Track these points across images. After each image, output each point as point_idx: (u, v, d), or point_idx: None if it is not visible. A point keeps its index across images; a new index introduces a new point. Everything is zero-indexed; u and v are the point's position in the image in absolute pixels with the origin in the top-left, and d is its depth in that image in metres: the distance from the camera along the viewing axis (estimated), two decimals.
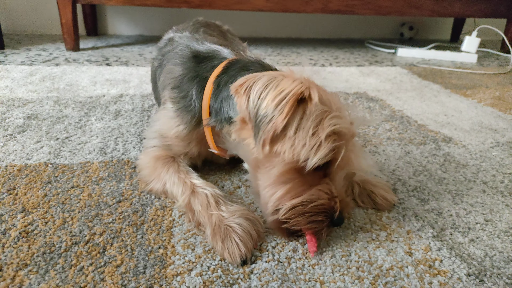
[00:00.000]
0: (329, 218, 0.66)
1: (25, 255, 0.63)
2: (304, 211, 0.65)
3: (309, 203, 0.65)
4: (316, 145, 0.62)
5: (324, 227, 0.66)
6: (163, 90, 0.88)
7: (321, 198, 0.66)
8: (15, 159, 0.92)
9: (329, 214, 0.66)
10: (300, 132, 0.63)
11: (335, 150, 0.63)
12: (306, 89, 0.63)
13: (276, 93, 0.63)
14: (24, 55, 1.97)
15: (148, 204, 0.79)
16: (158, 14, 2.78)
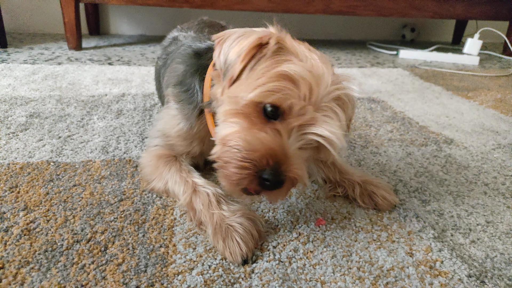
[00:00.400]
0: (256, 172, 0.59)
1: (27, 253, 0.63)
2: (235, 156, 0.61)
3: (243, 149, 0.61)
4: (257, 84, 0.61)
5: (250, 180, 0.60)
6: (167, 88, 0.89)
7: (256, 148, 0.60)
8: (18, 157, 0.93)
9: (257, 168, 0.59)
10: (251, 74, 0.63)
11: (281, 94, 0.59)
12: (266, 36, 0.64)
13: (241, 43, 0.65)
14: (26, 54, 1.98)
15: (149, 203, 0.79)
16: (160, 13, 2.79)
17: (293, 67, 0.61)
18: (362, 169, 1.00)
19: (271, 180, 0.59)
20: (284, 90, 0.59)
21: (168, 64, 0.94)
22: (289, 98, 0.59)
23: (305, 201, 0.84)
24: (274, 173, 0.59)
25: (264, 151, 0.60)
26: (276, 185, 0.60)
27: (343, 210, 0.82)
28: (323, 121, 0.61)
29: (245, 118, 0.64)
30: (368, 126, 1.29)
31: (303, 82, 0.60)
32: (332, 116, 0.62)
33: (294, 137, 0.62)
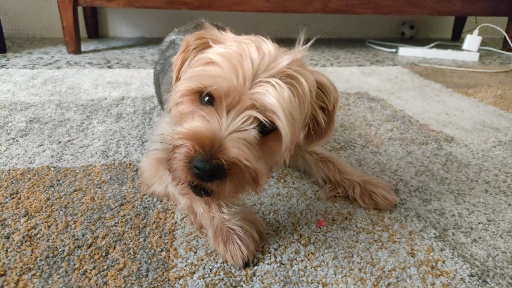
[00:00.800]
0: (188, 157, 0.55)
1: (28, 259, 0.63)
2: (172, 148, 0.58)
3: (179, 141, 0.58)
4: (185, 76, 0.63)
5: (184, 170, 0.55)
6: (164, 95, 0.89)
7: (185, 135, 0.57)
8: (18, 163, 0.93)
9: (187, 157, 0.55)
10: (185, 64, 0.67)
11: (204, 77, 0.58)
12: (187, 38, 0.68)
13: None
14: (26, 59, 1.98)
15: (150, 207, 0.79)
16: (158, 16, 2.79)
17: (215, 50, 0.61)
18: (363, 169, 1.00)
19: (201, 168, 0.53)
20: (206, 74, 0.58)
21: (166, 70, 0.94)
22: (213, 81, 0.57)
23: (306, 202, 0.84)
24: (202, 160, 0.53)
25: (190, 138, 0.55)
26: (210, 172, 0.53)
27: (344, 210, 0.82)
28: (254, 94, 0.56)
29: (186, 108, 0.63)
30: (368, 125, 1.29)
31: (225, 62, 0.57)
32: (267, 88, 0.56)
33: (227, 120, 0.57)
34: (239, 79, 0.56)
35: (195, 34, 0.67)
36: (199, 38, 0.67)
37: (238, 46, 0.60)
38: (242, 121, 0.57)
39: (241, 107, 0.57)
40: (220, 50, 0.61)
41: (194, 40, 0.67)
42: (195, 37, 0.67)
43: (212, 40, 0.66)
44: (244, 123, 0.57)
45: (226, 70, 0.57)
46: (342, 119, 1.33)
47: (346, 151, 1.09)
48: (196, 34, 0.67)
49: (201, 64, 0.62)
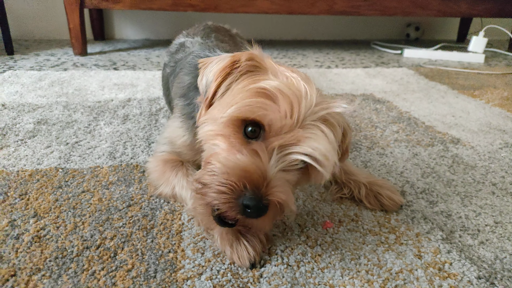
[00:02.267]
0: (235, 199, 0.54)
1: (38, 260, 0.64)
2: (213, 180, 0.56)
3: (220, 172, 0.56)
4: (235, 101, 0.58)
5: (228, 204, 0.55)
6: (174, 98, 0.90)
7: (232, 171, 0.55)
8: (26, 164, 0.94)
9: (235, 193, 0.54)
10: (228, 93, 0.63)
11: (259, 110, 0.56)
12: (239, 55, 0.64)
13: (218, 64, 0.65)
14: (33, 60, 2.00)
15: (157, 208, 0.80)
16: (163, 17, 2.80)
17: (271, 82, 0.58)
18: (369, 170, 1.00)
19: (252, 206, 0.53)
20: (263, 106, 0.56)
21: (176, 72, 0.95)
22: (268, 114, 0.55)
23: (312, 204, 0.84)
24: (254, 198, 0.53)
25: (240, 174, 0.54)
26: (258, 211, 0.54)
27: (350, 212, 0.82)
28: (307, 138, 0.56)
29: (225, 140, 0.60)
30: (373, 127, 1.29)
31: (282, 98, 0.56)
32: (318, 134, 0.57)
33: (275, 158, 0.56)
34: (294, 118, 0.56)
35: (247, 53, 0.63)
36: (250, 59, 0.63)
37: (294, 83, 0.60)
38: (289, 162, 0.57)
39: (292, 147, 0.56)
40: (276, 83, 0.58)
41: (246, 60, 0.62)
42: (247, 56, 0.63)
43: (261, 66, 0.63)
44: (291, 164, 0.58)
45: (283, 107, 0.56)
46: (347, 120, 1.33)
47: (352, 152, 1.09)
48: (248, 54, 0.63)
49: (254, 93, 0.58)
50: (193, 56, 0.90)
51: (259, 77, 0.61)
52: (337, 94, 1.63)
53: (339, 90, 1.69)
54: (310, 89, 0.59)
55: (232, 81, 0.63)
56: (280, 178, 0.56)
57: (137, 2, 2.10)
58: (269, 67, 0.64)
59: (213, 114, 0.63)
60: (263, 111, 0.56)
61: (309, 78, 0.64)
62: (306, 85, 0.60)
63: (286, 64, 2.20)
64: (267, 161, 0.56)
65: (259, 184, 0.54)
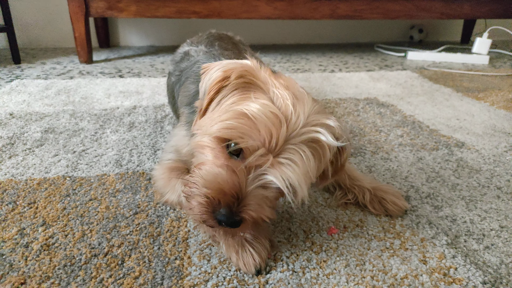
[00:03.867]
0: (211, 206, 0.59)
1: (47, 268, 0.65)
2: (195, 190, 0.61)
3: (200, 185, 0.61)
4: (219, 119, 0.61)
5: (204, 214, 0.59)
6: (181, 107, 0.91)
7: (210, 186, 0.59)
8: (34, 173, 0.95)
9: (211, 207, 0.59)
10: (218, 108, 0.64)
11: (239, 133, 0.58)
12: (230, 70, 0.64)
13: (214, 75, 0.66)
14: (39, 69, 2.03)
15: (163, 216, 0.81)
16: (168, 24, 2.83)
17: (254, 106, 0.59)
18: (373, 175, 1.00)
19: (224, 222, 0.58)
20: (242, 130, 0.58)
21: (182, 81, 0.96)
22: (246, 140, 0.58)
23: (317, 209, 0.85)
24: (226, 215, 0.58)
25: (216, 190, 0.58)
26: (231, 225, 0.59)
27: (355, 218, 0.82)
28: (281, 165, 0.58)
29: (211, 152, 0.63)
30: (378, 131, 1.29)
31: (261, 124, 0.58)
32: (295, 160, 0.58)
33: (252, 176, 0.59)
34: (272, 143, 0.58)
35: (238, 70, 0.64)
36: (241, 76, 0.64)
37: (277, 103, 0.61)
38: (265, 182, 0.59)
39: (268, 170, 0.58)
40: (258, 108, 0.59)
41: (235, 78, 0.63)
42: (237, 74, 0.63)
43: (253, 83, 0.64)
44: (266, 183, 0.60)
45: (262, 132, 0.58)
46: (351, 125, 1.33)
47: (356, 157, 1.10)
48: (239, 72, 0.63)
49: (236, 114, 0.60)
50: (198, 65, 0.92)
51: (247, 95, 0.62)
52: (341, 98, 1.64)
53: (343, 95, 1.69)
54: (299, 110, 0.60)
55: (222, 97, 0.65)
56: (256, 195, 0.59)
57: (141, 10, 2.12)
58: (262, 82, 0.64)
59: (202, 126, 0.65)
60: (241, 136, 0.58)
61: (303, 95, 0.64)
62: (295, 105, 0.60)
63: (290, 68, 2.21)
64: (244, 179, 0.59)
65: (231, 202, 0.58)
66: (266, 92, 0.63)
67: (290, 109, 0.60)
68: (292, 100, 0.61)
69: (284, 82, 0.66)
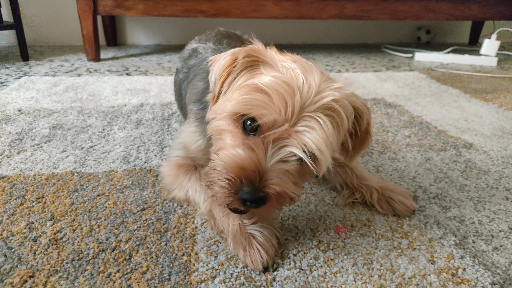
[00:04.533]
0: (234, 187, 0.57)
1: (55, 262, 0.65)
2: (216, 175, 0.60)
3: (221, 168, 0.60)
4: (232, 97, 0.61)
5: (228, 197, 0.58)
6: (189, 104, 0.91)
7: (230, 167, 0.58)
8: (43, 168, 0.96)
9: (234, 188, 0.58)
10: (229, 90, 0.64)
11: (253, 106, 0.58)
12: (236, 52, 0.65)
13: (222, 62, 0.66)
14: (47, 66, 2.04)
15: (171, 212, 0.81)
16: (175, 23, 2.84)
17: (265, 78, 0.59)
18: (381, 175, 1.00)
19: (249, 200, 0.57)
20: (256, 103, 0.58)
21: (190, 79, 0.96)
22: (261, 111, 0.58)
23: (324, 208, 0.84)
24: (250, 192, 0.56)
25: (237, 170, 0.58)
26: (257, 203, 0.57)
27: (362, 217, 0.82)
28: (299, 132, 0.58)
29: (228, 134, 0.63)
30: (385, 131, 1.28)
31: (275, 94, 0.57)
32: (312, 126, 0.58)
33: (271, 151, 0.58)
34: (288, 113, 0.57)
35: (244, 50, 0.64)
36: (248, 55, 0.64)
37: (287, 75, 0.60)
38: (285, 155, 0.59)
39: (286, 141, 0.58)
40: (270, 79, 0.59)
41: (243, 57, 0.64)
42: (244, 53, 0.64)
43: (261, 60, 0.64)
44: (287, 156, 0.59)
45: (276, 102, 0.57)
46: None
47: (364, 157, 1.09)
48: (246, 51, 0.64)
49: (249, 89, 0.60)
50: (206, 62, 0.92)
51: (257, 72, 0.63)
52: None
53: None
54: (310, 79, 0.60)
55: (233, 79, 0.65)
56: (277, 170, 0.58)
57: (149, 8, 2.13)
58: (269, 59, 0.65)
59: (216, 110, 0.65)
60: (256, 108, 0.58)
61: (311, 66, 0.64)
62: (305, 74, 0.61)
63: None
64: (263, 155, 0.58)
65: (253, 178, 0.57)
66: (275, 66, 0.63)
67: (301, 79, 0.60)
68: (301, 70, 0.61)
69: (290, 57, 0.66)
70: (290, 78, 0.60)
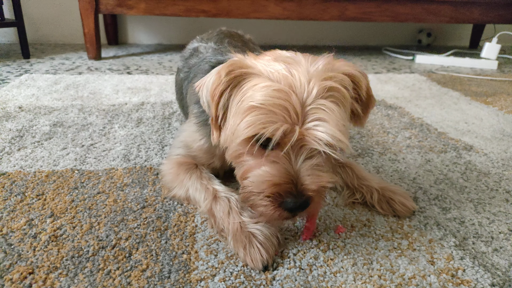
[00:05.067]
0: (276, 202, 0.60)
1: (55, 259, 0.65)
2: (253, 197, 0.63)
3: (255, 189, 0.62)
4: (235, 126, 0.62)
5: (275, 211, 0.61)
6: (190, 105, 0.91)
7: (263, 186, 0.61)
8: (43, 166, 0.96)
9: (277, 202, 0.60)
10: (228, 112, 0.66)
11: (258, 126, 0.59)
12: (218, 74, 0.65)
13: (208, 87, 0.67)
14: (48, 64, 2.04)
15: (171, 210, 0.81)
16: (176, 23, 2.84)
17: (257, 95, 0.60)
18: (381, 176, 1.00)
19: (295, 208, 0.60)
20: (260, 120, 0.59)
21: (190, 78, 0.96)
22: (266, 127, 0.59)
23: (324, 208, 0.84)
24: (293, 201, 0.60)
25: (271, 187, 0.60)
26: (303, 207, 0.61)
27: (362, 217, 0.82)
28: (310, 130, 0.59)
29: (248, 156, 0.65)
30: (385, 132, 1.29)
31: (274, 107, 0.59)
32: (321, 117, 0.59)
33: (294, 156, 0.62)
34: (292, 116, 0.59)
35: (225, 68, 0.64)
36: (230, 72, 0.64)
37: (275, 79, 0.61)
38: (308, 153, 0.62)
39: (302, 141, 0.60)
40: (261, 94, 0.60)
41: (226, 75, 0.64)
42: (225, 71, 0.64)
43: (244, 73, 0.64)
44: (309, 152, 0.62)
45: (278, 113, 0.59)
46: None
47: (364, 158, 1.09)
48: (227, 68, 0.64)
49: (245, 111, 0.61)
50: (206, 62, 0.92)
51: (244, 88, 0.63)
52: None
53: None
54: (298, 73, 0.61)
55: (225, 101, 0.66)
56: (306, 169, 0.62)
57: (151, 7, 2.13)
58: (252, 68, 0.65)
59: (226, 138, 0.67)
60: (261, 127, 0.59)
61: (293, 58, 0.65)
62: (291, 70, 0.61)
63: None
64: (287, 163, 0.61)
65: (290, 189, 0.60)
66: (261, 75, 0.63)
67: (289, 77, 0.61)
68: (286, 68, 0.62)
69: (269, 56, 0.67)
70: (279, 83, 0.61)
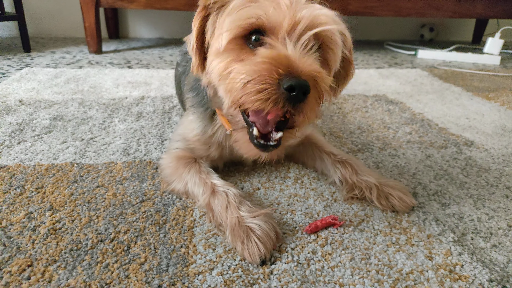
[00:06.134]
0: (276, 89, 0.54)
1: (53, 251, 0.66)
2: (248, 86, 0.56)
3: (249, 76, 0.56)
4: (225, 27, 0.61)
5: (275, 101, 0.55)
6: (186, 94, 0.91)
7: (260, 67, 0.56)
8: (43, 159, 0.96)
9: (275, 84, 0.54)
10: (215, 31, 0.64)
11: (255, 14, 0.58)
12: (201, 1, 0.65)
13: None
14: (49, 58, 2.04)
15: (170, 204, 0.81)
16: (177, 17, 2.83)
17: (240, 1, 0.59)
18: (381, 171, 1.00)
19: (295, 85, 0.53)
20: (256, 9, 0.57)
21: (187, 71, 0.96)
22: (264, 12, 0.57)
23: (323, 203, 0.84)
24: (294, 76, 0.53)
25: (268, 66, 0.55)
26: (302, 88, 0.54)
27: (361, 212, 0.82)
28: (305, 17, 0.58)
29: (232, 52, 0.61)
30: (386, 127, 1.28)
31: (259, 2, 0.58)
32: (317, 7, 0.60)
33: (291, 44, 0.58)
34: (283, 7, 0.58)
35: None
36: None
37: None
38: (304, 45, 0.59)
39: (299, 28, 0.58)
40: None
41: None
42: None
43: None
44: (306, 48, 0.59)
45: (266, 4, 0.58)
46: (359, 121, 1.33)
47: (364, 153, 1.09)
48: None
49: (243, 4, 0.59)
50: None
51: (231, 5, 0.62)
52: (350, 94, 1.63)
53: (351, 91, 1.68)
54: None
55: (214, 20, 0.64)
56: (304, 57, 0.58)
57: (151, 1, 2.12)
58: None
59: (214, 50, 0.64)
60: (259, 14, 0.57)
61: None
62: None
63: None
64: (285, 47, 0.58)
65: (290, 65, 0.55)
66: None
67: None
68: None
69: None
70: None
